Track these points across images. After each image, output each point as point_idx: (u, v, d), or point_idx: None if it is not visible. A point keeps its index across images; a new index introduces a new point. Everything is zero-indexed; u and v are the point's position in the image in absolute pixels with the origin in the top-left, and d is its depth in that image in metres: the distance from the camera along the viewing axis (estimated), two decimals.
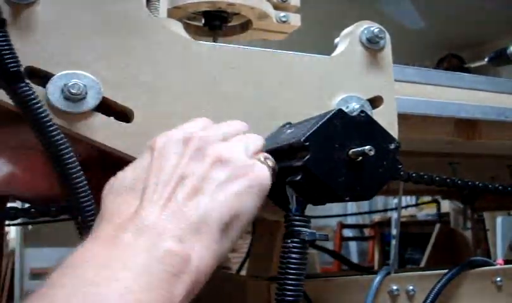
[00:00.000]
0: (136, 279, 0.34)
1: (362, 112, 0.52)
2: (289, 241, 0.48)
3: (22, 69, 0.46)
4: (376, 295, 0.75)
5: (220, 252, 0.41)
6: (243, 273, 1.13)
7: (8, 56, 0.45)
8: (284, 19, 0.79)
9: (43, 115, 0.46)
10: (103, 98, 0.53)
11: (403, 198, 2.62)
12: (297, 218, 0.49)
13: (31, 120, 0.46)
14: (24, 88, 0.46)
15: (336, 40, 0.68)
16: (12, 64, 0.45)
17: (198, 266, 0.38)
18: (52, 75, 0.51)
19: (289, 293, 0.47)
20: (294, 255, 0.48)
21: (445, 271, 0.80)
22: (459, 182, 0.74)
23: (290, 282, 0.47)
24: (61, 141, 0.47)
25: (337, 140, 0.49)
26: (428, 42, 1.54)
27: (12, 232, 4.17)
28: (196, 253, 0.38)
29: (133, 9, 0.56)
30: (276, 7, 0.79)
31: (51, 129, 0.47)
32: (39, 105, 0.47)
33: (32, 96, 0.46)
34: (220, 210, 0.41)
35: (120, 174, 0.45)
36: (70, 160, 0.47)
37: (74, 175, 0.47)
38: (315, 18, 1.03)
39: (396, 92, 0.68)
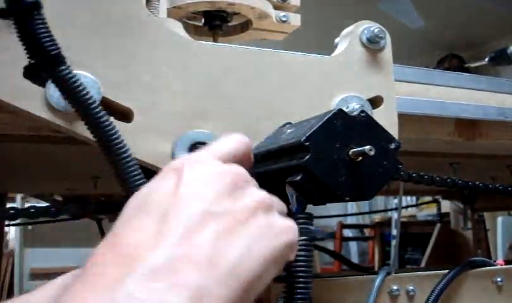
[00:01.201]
0: None
1: (362, 112, 0.52)
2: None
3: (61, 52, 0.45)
4: (376, 295, 0.75)
5: None
6: None
7: (47, 39, 0.43)
8: (284, 19, 0.79)
9: (87, 97, 0.44)
10: (103, 98, 0.53)
11: (403, 198, 2.63)
12: (300, 215, 0.49)
13: (75, 104, 0.44)
14: (66, 71, 0.44)
15: (336, 40, 0.68)
16: (52, 47, 0.43)
17: None
18: None
19: (299, 291, 0.46)
20: (302, 253, 0.47)
21: (446, 271, 0.80)
22: (459, 182, 0.74)
23: (300, 280, 0.47)
24: (109, 126, 0.44)
25: (337, 140, 0.49)
26: (428, 42, 1.54)
27: (12, 232, 4.17)
28: None
29: (132, 8, 0.56)
30: (276, 7, 0.79)
31: (96, 111, 0.44)
32: (82, 88, 0.44)
33: (74, 79, 0.44)
34: (255, 264, 0.33)
35: (143, 190, 0.36)
36: (120, 145, 0.43)
37: (126, 161, 0.43)
38: (315, 18, 1.03)
39: (396, 92, 0.68)
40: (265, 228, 0.34)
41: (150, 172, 0.58)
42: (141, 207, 0.34)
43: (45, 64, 0.43)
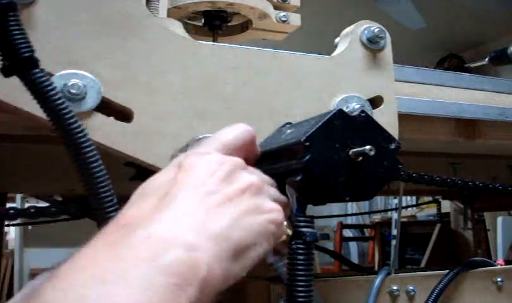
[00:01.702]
0: (135, 295, 0.31)
1: (362, 112, 0.52)
2: (293, 243, 0.48)
3: (35, 54, 0.44)
4: (376, 295, 0.75)
5: (230, 275, 0.37)
6: None
7: (20, 41, 0.42)
8: (284, 19, 0.79)
9: (59, 102, 0.44)
10: (103, 98, 0.53)
11: (403, 198, 2.62)
12: (301, 218, 0.49)
13: (46, 108, 0.44)
14: (38, 75, 0.43)
15: (336, 40, 0.68)
16: (24, 50, 0.43)
17: (206, 278, 0.34)
18: (52, 75, 0.51)
19: (300, 294, 0.46)
20: (300, 256, 0.47)
21: (446, 271, 0.80)
22: (459, 182, 0.74)
23: (300, 284, 0.47)
24: (79, 130, 0.44)
25: (337, 140, 0.49)
26: (428, 42, 1.54)
27: (12, 232, 4.17)
28: (206, 263, 0.34)
29: (132, 8, 0.56)
30: (276, 7, 0.79)
31: (68, 116, 0.44)
32: (55, 92, 0.44)
33: (47, 83, 0.44)
34: (242, 233, 0.38)
35: (146, 181, 0.41)
36: (89, 149, 0.44)
37: (94, 165, 0.44)
38: (315, 18, 1.03)
39: (396, 92, 0.68)
40: (252, 206, 0.40)
41: (149, 172, 0.58)
42: (143, 191, 0.39)
43: (17, 66, 0.43)
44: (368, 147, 0.48)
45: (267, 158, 0.55)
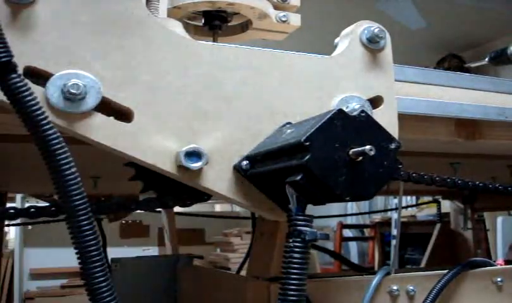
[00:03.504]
0: None
1: (362, 112, 0.52)
2: (291, 240, 0.48)
3: (13, 59, 0.44)
4: (376, 295, 0.75)
5: None
6: (243, 273, 1.13)
7: None
8: (284, 19, 0.79)
9: (35, 108, 0.44)
10: (103, 98, 0.53)
11: (403, 198, 2.62)
12: (300, 217, 0.49)
13: (22, 114, 0.44)
14: (16, 80, 0.44)
15: (336, 40, 0.68)
16: (2, 54, 0.43)
17: None
18: (52, 75, 0.51)
19: (292, 292, 0.47)
20: (296, 255, 0.47)
21: (446, 271, 0.80)
22: (459, 182, 0.74)
23: (293, 282, 0.47)
24: (54, 136, 0.45)
25: (337, 140, 0.49)
26: (428, 42, 1.53)
27: (12, 232, 4.17)
28: None
29: (132, 8, 0.56)
30: (276, 7, 0.79)
31: (43, 122, 0.45)
32: (31, 97, 0.44)
33: (24, 89, 0.44)
34: None
35: None
36: (63, 156, 0.45)
37: (67, 172, 0.45)
38: (315, 18, 1.03)
39: (396, 92, 0.68)
40: None
41: (149, 172, 0.58)
42: None
43: None
44: (368, 147, 0.48)
45: (267, 158, 0.55)
